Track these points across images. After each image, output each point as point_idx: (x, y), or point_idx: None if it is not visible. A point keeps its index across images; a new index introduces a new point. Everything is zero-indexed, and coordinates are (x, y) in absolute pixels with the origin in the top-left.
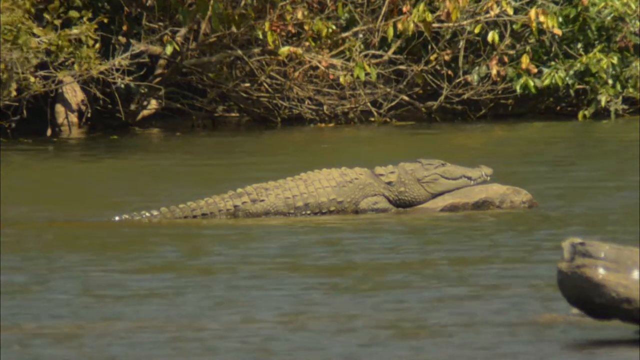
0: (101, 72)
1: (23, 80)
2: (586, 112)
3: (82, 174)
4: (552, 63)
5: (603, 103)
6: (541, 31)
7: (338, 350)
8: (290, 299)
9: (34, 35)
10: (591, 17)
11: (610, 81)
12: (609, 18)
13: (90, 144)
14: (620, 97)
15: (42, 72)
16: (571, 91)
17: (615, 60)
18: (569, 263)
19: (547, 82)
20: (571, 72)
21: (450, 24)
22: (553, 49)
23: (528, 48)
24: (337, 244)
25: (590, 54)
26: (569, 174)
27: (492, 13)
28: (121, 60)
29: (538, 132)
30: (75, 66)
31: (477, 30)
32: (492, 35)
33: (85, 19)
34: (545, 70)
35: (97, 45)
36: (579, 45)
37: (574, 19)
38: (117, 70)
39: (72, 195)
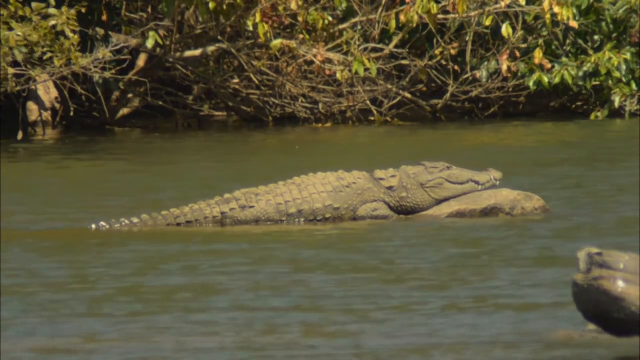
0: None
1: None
2: (599, 114)
3: (56, 178)
4: (563, 59)
5: (617, 103)
6: (555, 23)
7: None
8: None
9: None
10: (604, 9)
11: (624, 79)
12: (621, 10)
13: (65, 145)
14: (637, 96)
15: (12, 70)
16: (584, 90)
17: (628, 56)
18: (585, 275)
19: (557, 80)
20: (580, 72)
21: (457, 16)
22: (567, 43)
23: (540, 41)
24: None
25: (600, 53)
26: (584, 178)
27: (502, 3)
28: (105, 52)
29: (550, 132)
30: (55, 60)
31: (487, 23)
32: (505, 29)
33: (63, 8)
34: (556, 67)
35: (76, 37)
36: (595, 37)
37: (586, 11)
38: (96, 65)
39: (44, 201)
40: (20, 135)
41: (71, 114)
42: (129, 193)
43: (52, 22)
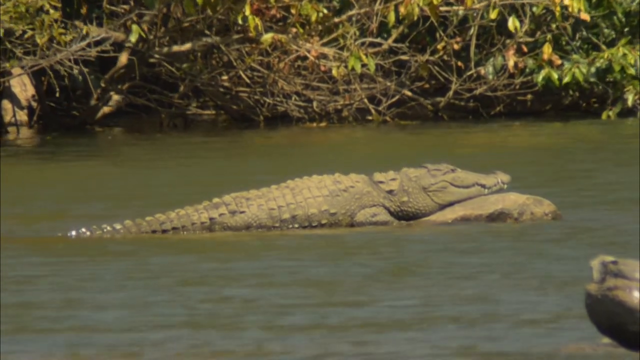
0: (58, 62)
1: None
2: (610, 113)
3: (32, 182)
4: (574, 56)
5: (630, 102)
6: (564, 17)
7: None
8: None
9: None
10: (617, 1)
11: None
12: (635, 3)
13: (42, 146)
14: None
15: None
16: (596, 87)
17: None
18: (599, 285)
19: (567, 78)
20: (593, 69)
21: (461, 8)
22: (577, 37)
23: (549, 36)
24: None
25: (613, 49)
26: (597, 181)
27: None
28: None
29: (561, 132)
30: (37, 38)
31: (493, 16)
32: (512, 22)
33: None
34: (566, 65)
35: (58, 13)
36: (607, 31)
37: (597, 3)
38: (75, 61)
39: (20, 207)
40: None
41: (41, 112)
42: (111, 197)
43: None
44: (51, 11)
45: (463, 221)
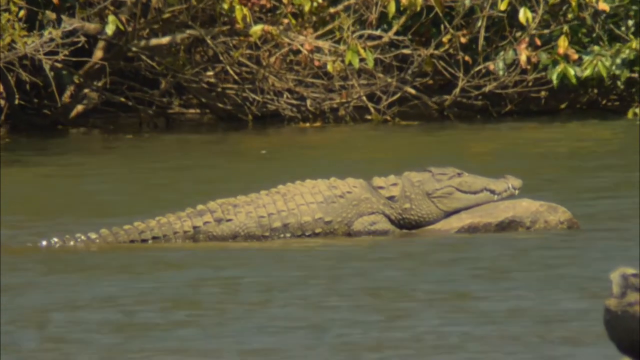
0: (25, 56)
1: None
2: (637, 110)
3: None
4: (595, 48)
5: None
6: (582, 6)
7: None
8: None
9: None
10: None
11: None
12: None
13: (11, 147)
14: None
15: None
16: (619, 83)
17: None
18: (619, 300)
19: (588, 72)
20: (618, 60)
21: None
22: (597, 29)
23: (566, 28)
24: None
25: None
26: (617, 186)
27: None
28: (54, 31)
29: (578, 133)
30: None
31: (503, 7)
32: (524, 13)
33: None
34: (586, 58)
35: (22, 13)
36: (630, 23)
37: None
38: (46, 53)
39: None
40: None
41: (16, 103)
42: (85, 204)
43: None
44: (13, 9)
45: (470, 230)
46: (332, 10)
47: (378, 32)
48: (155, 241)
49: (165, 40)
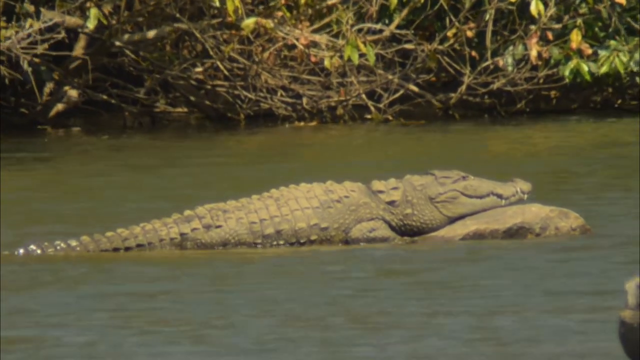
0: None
1: None
2: None
3: None
4: (612, 42)
5: None
6: None
7: None
8: None
9: None
10: None
11: None
12: None
13: None
14: None
15: None
16: (638, 79)
17: None
18: (634, 311)
19: (604, 68)
20: (636, 56)
21: None
22: (613, 23)
23: (579, 21)
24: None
25: None
26: (634, 191)
27: None
28: (34, 23)
29: (591, 133)
30: None
31: None
32: (535, 5)
33: None
34: (602, 53)
35: None
36: None
37: None
38: (24, 48)
39: None
40: None
41: None
42: (65, 209)
43: None
44: None
45: (476, 237)
46: (329, 2)
47: (379, 26)
48: (140, 249)
49: (150, 34)
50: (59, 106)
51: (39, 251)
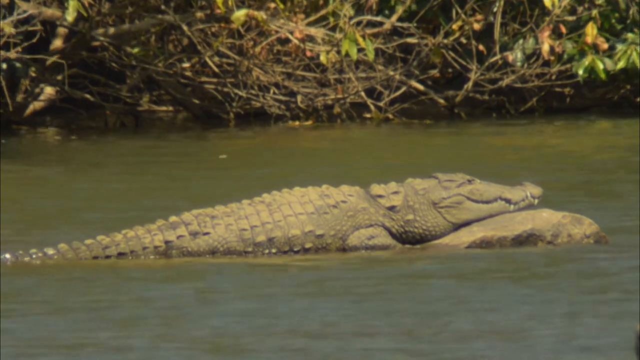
0: None
1: None
2: None
3: None
4: (629, 36)
5: None
6: None
7: None
8: None
9: None
10: None
11: None
12: None
13: None
14: None
15: None
16: None
17: None
18: None
19: (622, 63)
20: None
21: None
22: (631, 14)
23: (595, 13)
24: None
25: None
26: None
27: None
28: (6, 25)
29: (607, 134)
30: None
31: None
32: None
33: None
34: (619, 47)
35: None
36: None
37: None
38: None
39: None
40: None
41: None
42: (41, 214)
43: None
44: None
45: (483, 245)
46: None
47: (379, 19)
48: (121, 257)
49: (134, 27)
50: (36, 104)
51: (13, 260)
